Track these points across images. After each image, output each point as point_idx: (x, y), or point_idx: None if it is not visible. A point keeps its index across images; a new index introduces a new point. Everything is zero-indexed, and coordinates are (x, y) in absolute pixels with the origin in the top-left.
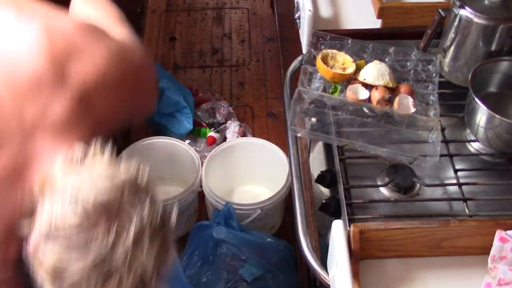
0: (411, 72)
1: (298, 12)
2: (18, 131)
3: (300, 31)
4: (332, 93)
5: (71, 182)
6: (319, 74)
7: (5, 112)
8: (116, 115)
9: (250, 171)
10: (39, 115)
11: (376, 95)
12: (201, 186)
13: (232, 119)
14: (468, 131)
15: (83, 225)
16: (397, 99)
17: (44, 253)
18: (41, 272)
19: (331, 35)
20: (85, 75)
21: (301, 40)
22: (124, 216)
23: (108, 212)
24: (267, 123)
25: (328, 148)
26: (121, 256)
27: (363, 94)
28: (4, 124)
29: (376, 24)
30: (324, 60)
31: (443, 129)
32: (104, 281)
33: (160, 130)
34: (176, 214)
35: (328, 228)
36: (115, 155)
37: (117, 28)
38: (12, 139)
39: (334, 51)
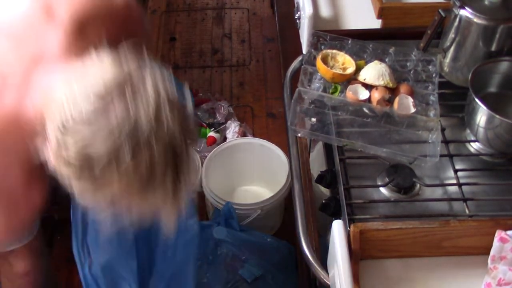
0: (411, 72)
1: (298, 12)
2: (20, 69)
3: (300, 31)
4: (332, 93)
5: (75, 78)
6: (319, 74)
7: (5, 54)
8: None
9: (250, 171)
10: (36, 50)
11: (376, 95)
12: (201, 186)
13: (232, 119)
14: (468, 131)
15: (99, 106)
16: (397, 99)
17: (66, 148)
18: (68, 170)
19: (331, 35)
20: (73, 8)
21: (301, 40)
22: (138, 89)
23: (120, 88)
24: (267, 123)
25: (328, 148)
26: (146, 126)
27: (363, 94)
28: (6, 65)
29: (376, 24)
30: (324, 60)
31: (443, 129)
32: (134, 155)
33: None
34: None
35: (328, 228)
36: None
37: None
38: (15, 78)
39: (334, 51)
